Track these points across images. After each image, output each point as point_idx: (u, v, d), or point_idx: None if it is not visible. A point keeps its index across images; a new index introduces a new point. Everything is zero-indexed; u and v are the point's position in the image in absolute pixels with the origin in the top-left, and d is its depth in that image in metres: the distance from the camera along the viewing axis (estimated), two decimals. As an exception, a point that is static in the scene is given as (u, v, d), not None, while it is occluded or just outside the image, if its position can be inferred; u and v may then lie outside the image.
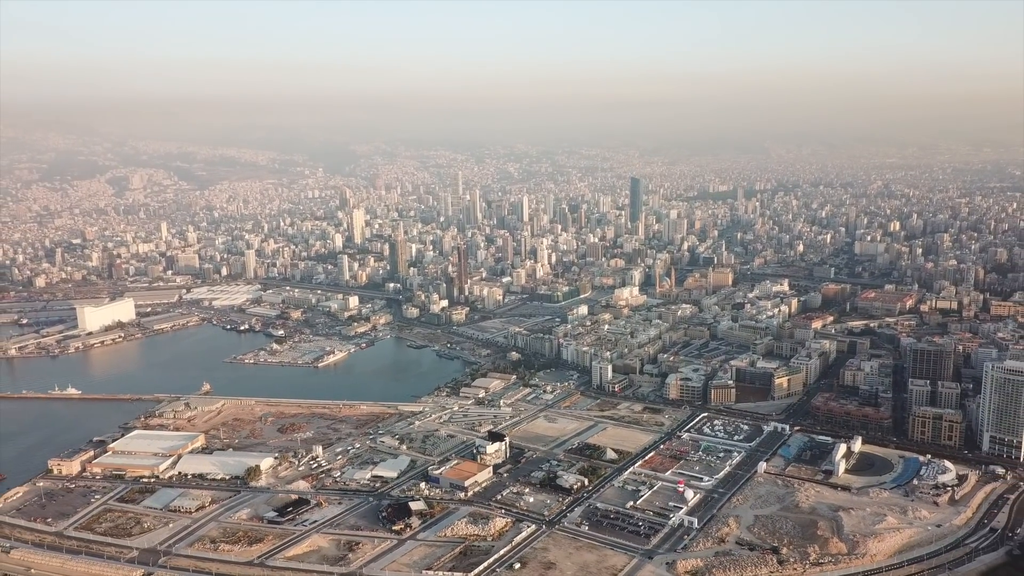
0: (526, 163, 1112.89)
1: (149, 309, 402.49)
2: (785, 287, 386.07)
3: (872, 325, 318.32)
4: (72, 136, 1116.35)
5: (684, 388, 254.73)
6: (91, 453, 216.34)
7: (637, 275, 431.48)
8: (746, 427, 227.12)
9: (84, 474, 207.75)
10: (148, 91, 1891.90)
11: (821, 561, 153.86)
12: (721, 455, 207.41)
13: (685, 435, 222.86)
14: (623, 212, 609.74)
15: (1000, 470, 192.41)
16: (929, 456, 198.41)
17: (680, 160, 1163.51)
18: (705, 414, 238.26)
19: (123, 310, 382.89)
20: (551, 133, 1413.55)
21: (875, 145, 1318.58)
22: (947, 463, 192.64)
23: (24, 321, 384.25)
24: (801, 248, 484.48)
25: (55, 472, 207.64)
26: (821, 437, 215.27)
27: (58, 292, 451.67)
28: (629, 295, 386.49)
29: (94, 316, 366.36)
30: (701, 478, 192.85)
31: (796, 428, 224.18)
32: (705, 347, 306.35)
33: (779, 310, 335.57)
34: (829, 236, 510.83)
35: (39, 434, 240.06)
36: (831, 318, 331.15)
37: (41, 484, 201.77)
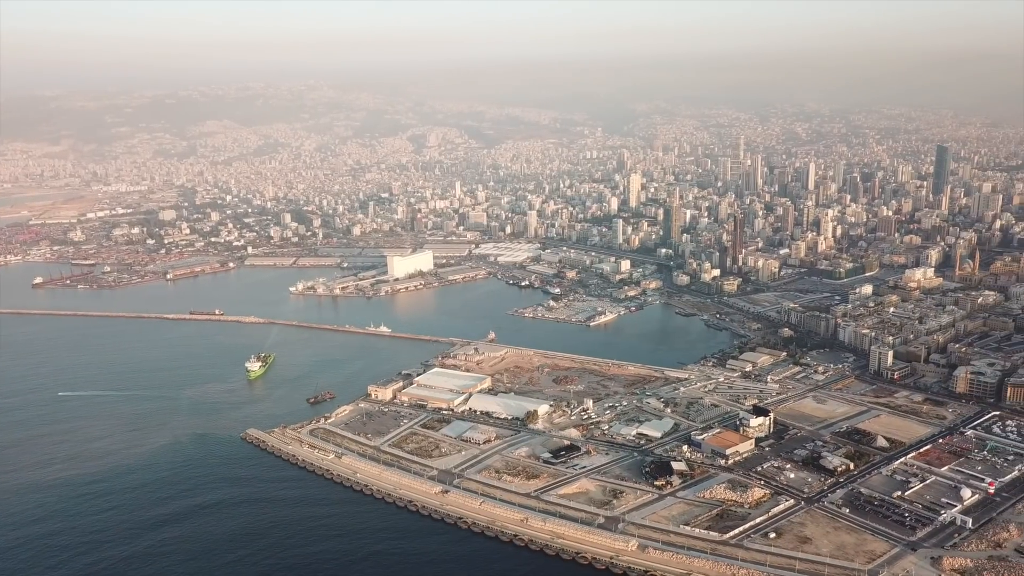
0: (816, 123, 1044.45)
1: (444, 261, 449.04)
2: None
3: None
4: (380, 97, 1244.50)
5: (975, 382, 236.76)
6: (400, 384, 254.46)
7: (934, 255, 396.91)
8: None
9: (395, 401, 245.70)
10: (447, 56, 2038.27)
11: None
12: (1011, 458, 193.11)
13: (969, 432, 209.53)
14: (925, 183, 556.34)
15: None
16: None
17: (1005, 121, 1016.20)
18: (996, 413, 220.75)
19: (424, 260, 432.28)
20: (847, 90, 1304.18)
21: None
22: None
23: (345, 265, 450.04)
24: None
25: (373, 396, 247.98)
26: None
27: (370, 241, 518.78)
28: (922, 276, 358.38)
29: (401, 264, 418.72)
30: (982, 479, 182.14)
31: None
32: (1007, 340, 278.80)
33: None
34: None
35: (359, 363, 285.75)
36: None
37: (362, 405, 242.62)
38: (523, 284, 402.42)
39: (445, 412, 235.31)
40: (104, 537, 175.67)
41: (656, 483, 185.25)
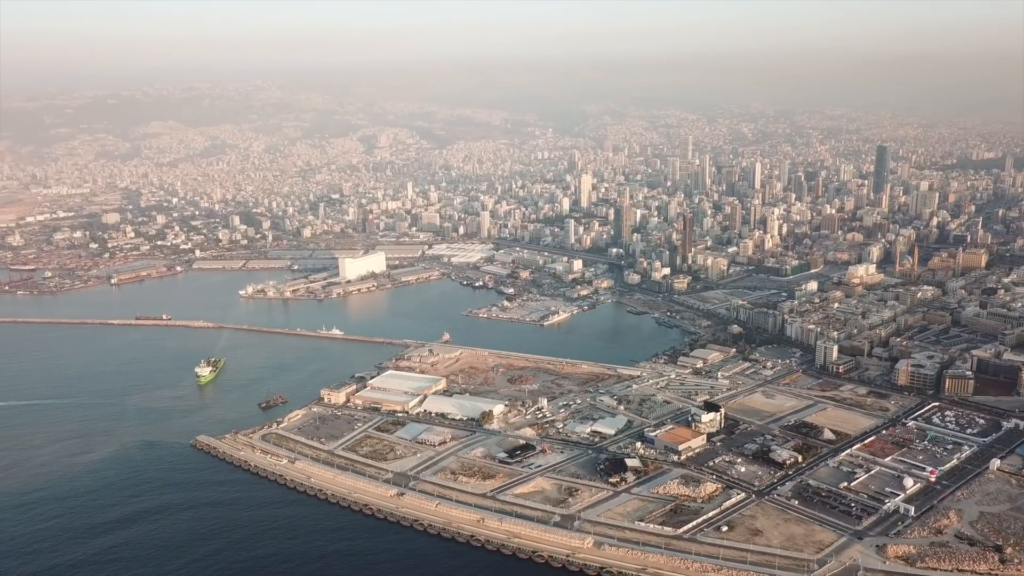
0: (761, 123, 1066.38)
1: (397, 262, 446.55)
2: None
3: None
4: (330, 97, 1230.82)
5: (915, 375, 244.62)
6: (353, 387, 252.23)
7: (875, 251, 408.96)
8: (982, 421, 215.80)
9: (348, 404, 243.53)
10: (397, 56, 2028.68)
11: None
12: (949, 447, 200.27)
13: (911, 423, 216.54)
14: (866, 182, 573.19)
15: None
16: None
17: (940, 122, 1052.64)
18: (936, 404, 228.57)
19: (376, 262, 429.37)
20: (791, 91, 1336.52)
21: None
22: None
23: (295, 267, 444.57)
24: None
25: (326, 400, 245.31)
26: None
27: (321, 242, 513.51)
28: (864, 273, 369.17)
29: (353, 266, 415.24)
30: (923, 468, 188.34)
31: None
32: (944, 334, 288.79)
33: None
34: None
35: (312, 367, 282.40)
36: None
37: (315, 409, 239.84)
38: (477, 285, 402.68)
39: (400, 414, 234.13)
40: (47, 546, 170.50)
41: (611, 480, 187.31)
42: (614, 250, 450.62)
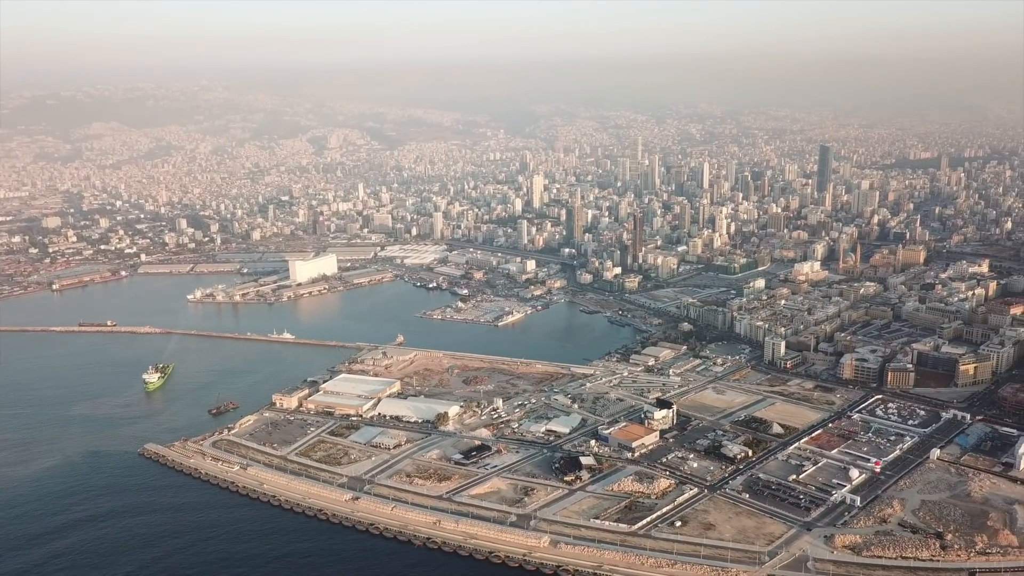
0: (709, 124, 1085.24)
1: (349, 264, 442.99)
2: (984, 268, 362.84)
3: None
4: (278, 97, 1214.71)
5: (859, 369, 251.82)
6: (306, 391, 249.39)
7: (820, 249, 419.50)
8: (922, 412, 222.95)
9: (301, 409, 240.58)
10: (347, 56, 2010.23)
11: (988, 551, 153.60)
12: (892, 438, 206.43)
13: (856, 416, 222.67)
14: (810, 181, 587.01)
15: None
16: None
17: (879, 123, 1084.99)
18: (879, 396, 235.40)
19: (327, 264, 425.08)
20: (737, 92, 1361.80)
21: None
22: None
23: (244, 271, 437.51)
24: (1009, 226, 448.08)
25: (278, 405, 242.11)
26: (1005, 429, 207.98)
27: (271, 245, 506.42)
28: (810, 270, 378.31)
29: (303, 269, 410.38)
30: (868, 459, 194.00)
31: (978, 418, 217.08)
32: (886, 328, 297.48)
33: (973, 293, 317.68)
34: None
35: (263, 371, 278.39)
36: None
37: (267, 415, 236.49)
38: (430, 286, 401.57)
39: (354, 418, 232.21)
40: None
41: (566, 479, 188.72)
42: (566, 250, 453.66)
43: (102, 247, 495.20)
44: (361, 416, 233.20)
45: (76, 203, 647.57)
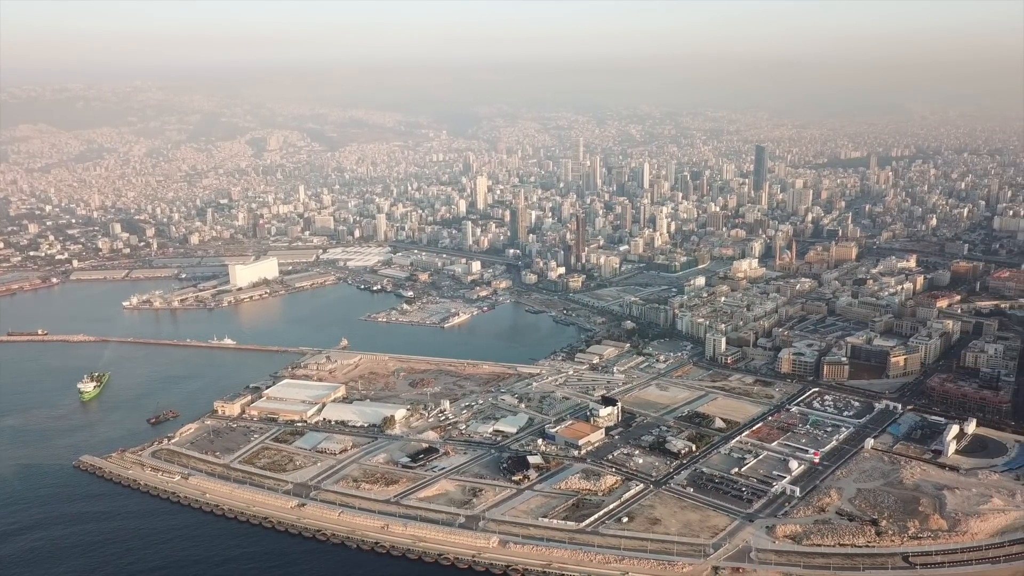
0: (648, 125, 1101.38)
1: (290, 268, 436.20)
2: (912, 263, 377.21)
3: (1003, 306, 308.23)
4: (215, 99, 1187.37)
5: (796, 363, 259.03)
6: (248, 397, 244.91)
7: (757, 247, 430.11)
8: (857, 404, 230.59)
9: (243, 416, 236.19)
10: (286, 57, 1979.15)
11: (920, 535, 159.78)
12: (829, 429, 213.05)
13: (794, 408, 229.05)
14: (747, 180, 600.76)
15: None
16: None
17: (812, 123, 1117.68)
18: (816, 389, 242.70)
19: (268, 268, 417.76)
20: (676, 94, 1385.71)
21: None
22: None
23: (183, 276, 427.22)
24: (934, 222, 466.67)
25: (219, 412, 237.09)
26: (934, 418, 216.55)
27: (210, 249, 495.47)
28: (748, 267, 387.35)
29: (243, 273, 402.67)
30: (806, 450, 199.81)
31: (909, 407, 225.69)
32: (822, 323, 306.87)
33: (902, 287, 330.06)
34: (966, 210, 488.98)
35: (204, 378, 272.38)
36: (958, 297, 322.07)
37: (209, 423, 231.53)
38: (375, 288, 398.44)
39: (298, 424, 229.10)
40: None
41: (514, 478, 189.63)
42: (511, 251, 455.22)
43: (31, 253, 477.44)
44: (306, 422, 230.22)
45: (3, 208, 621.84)
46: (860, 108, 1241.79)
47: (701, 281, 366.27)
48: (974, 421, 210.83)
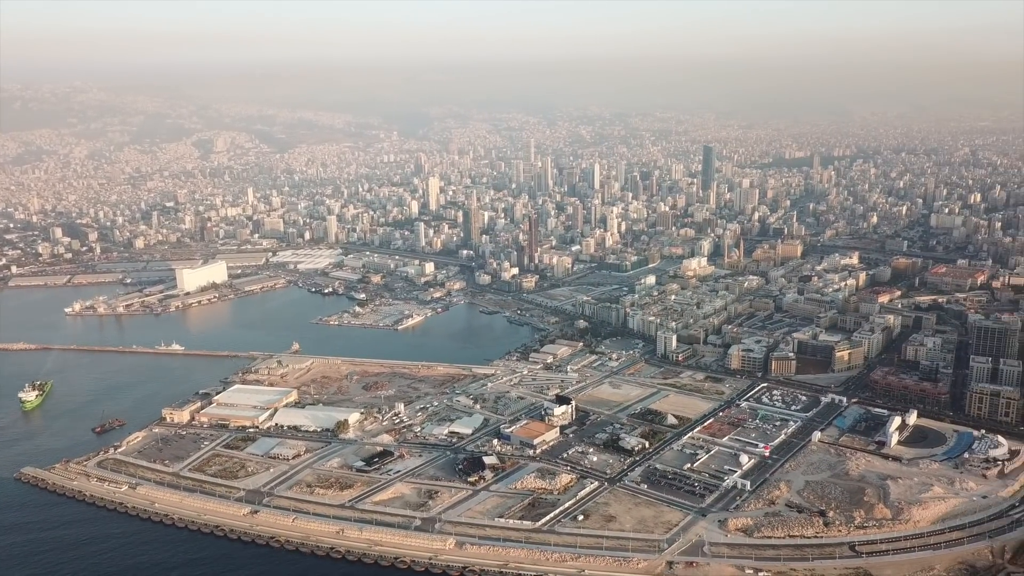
0: (598, 126, 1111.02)
1: (239, 271, 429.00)
2: (855, 260, 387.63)
3: (940, 301, 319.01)
4: (159, 99, 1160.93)
5: (745, 359, 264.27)
6: (198, 404, 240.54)
7: (706, 245, 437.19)
8: (804, 398, 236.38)
9: (193, 423, 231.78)
10: (233, 57, 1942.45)
11: (865, 525, 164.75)
12: (777, 424, 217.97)
13: (744, 404, 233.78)
14: (695, 180, 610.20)
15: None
16: (983, 431, 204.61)
17: (757, 124, 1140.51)
18: (765, 384, 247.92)
19: (216, 272, 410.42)
20: (625, 95, 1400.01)
21: (968, 107, 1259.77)
22: (1000, 439, 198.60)
23: (128, 281, 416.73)
24: (875, 220, 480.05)
25: (168, 420, 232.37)
26: (877, 410, 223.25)
27: (155, 253, 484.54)
28: (697, 266, 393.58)
29: (191, 277, 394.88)
30: (756, 445, 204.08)
31: (853, 400, 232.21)
32: (769, 319, 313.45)
33: (846, 284, 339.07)
34: (905, 208, 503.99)
35: (151, 385, 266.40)
36: (899, 293, 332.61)
37: (157, 430, 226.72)
38: (326, 291, 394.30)
39: (250, 430, 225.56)
40: None
41: (469, 480, 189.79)
42: (464, 252, 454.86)
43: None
44: (257, 427, 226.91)
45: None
46: (803, 109, 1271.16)
47: (652, 280, 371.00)
48: (915, 412, 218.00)
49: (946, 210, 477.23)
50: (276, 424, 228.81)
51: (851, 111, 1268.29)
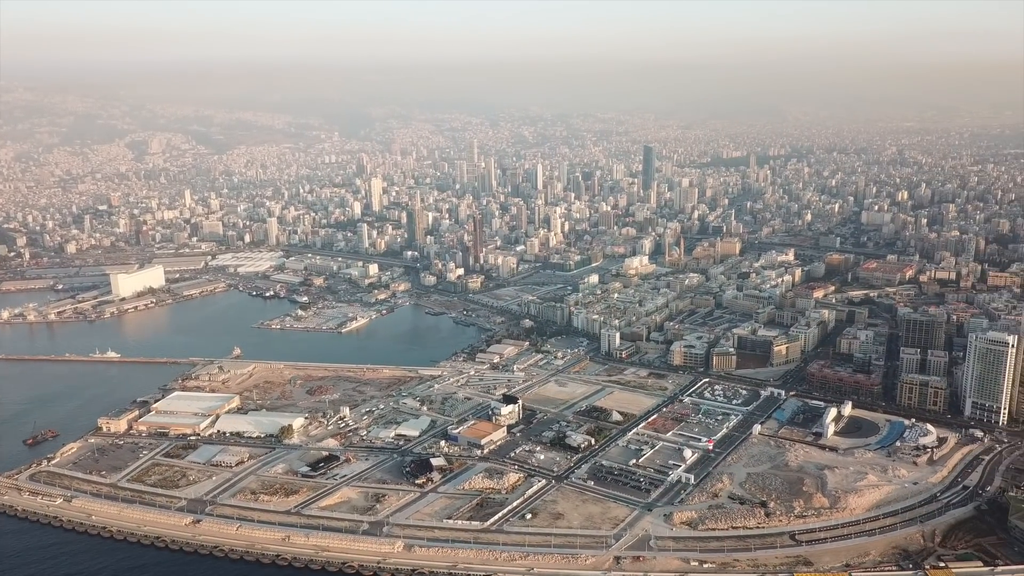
0: (541, 127, 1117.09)
1: (177, 275, 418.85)
2: (791, 257, 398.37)
3: (872, 295, 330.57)
4: (90, 100, 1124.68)
5: (687, 355, 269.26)
6: (136, 412, 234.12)
7: (647, 244, 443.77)
8: (744, 392, 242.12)
9: (131, 432, 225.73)
10: (167, 57, 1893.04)
11: (805, 514, 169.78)
12: (719, 418, 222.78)
13: (686, 399, 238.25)
14: (636, 180, 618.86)
15: (979, 433, 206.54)
16: (913, 420, 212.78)
17: (695, 124, 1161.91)
18: (706, 380, 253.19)
19: (153, 276, 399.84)
20: (566, 96, 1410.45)
21: (895, 108, 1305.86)
22: (929, 427, 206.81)
23: (59, 287, 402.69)
24: (809, 218, 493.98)
25: (104, 430, 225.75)
26: (814, 402, 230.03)
27: (88, 258, 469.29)
28: (639, 264, 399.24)
29: (127, 282, 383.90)
30: (700, 439, 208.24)
31: (792, 393, 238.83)
32: (710, 315, 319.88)
33: (783, 280, 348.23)
34: (837, 205, 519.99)
35: (85, 394, 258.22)
36: (833, 288, 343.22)
37: (92, 440, 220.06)
38: (268, 295, 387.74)
39: (191, 438, 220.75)
40: None
41: (417, 482, 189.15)
42: (409, 253, 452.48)
43: None
44: (198, 435, 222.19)
45: None
46: (739, 110, 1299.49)
47: (595, 279, 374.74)
48: (850, 404, 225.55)
49: (876, 207, 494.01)
50: (218, 431, 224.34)
51: (785, 111, 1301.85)
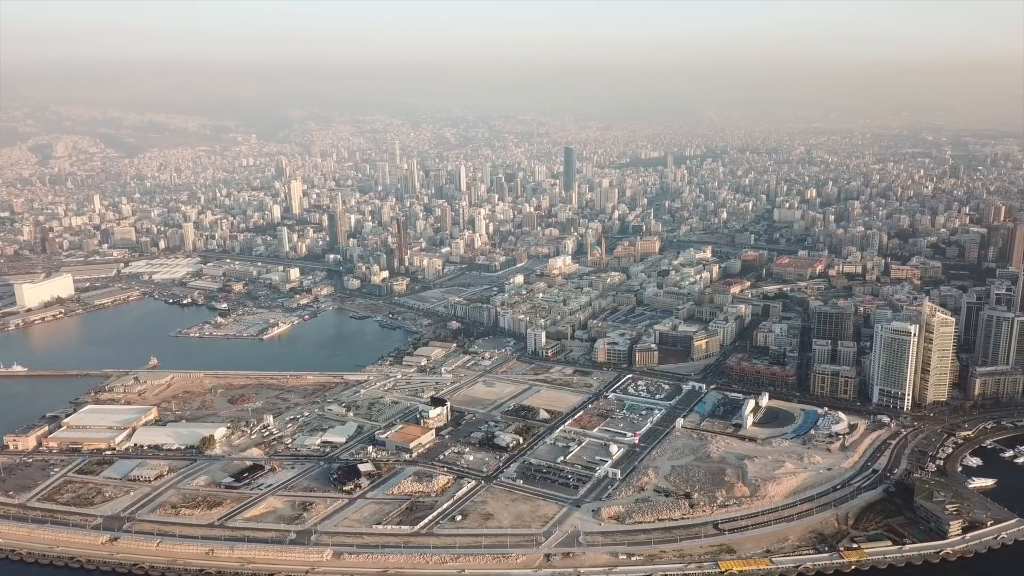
0: (463, 128, 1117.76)
1: (87, 284, 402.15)
2: (708, 254, 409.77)
3: (785, 289, 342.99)
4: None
5: (611, 352, 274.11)
6: (45, 428, 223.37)
7: (570, 244, 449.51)
8: (667, 387, 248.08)
9: (40, 448, 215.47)
10: (71, 55, 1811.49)
11: (727, 504, 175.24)
12: (643, 413, 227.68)
13: (611, 395, 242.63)
14: (558, 181, 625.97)
15: (886, 419, 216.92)
16: (826, 409, 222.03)
17: (614, 125, 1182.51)
18: (630, 376, 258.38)
19: (61, 286, 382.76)
20: (488, 98, 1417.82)
21: (803, 109, 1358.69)
22: (841, 415, 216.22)
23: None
24: (725, 216, 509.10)
25: (11, 447, 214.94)
26: (733, 394, 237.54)
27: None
28: (562, 264, 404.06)
29: (32, 292, 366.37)
30: (624, 434, 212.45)
31: (712, 387, 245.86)
32: (632, 313, 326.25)
33: (701, 277, 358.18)
34: (751, 204, 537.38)
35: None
36: (748, 283, 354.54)
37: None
38: (185, 302, 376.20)
39: (106, 452, 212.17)
40: None
41: (345, 488, 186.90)
42: (332, 256, 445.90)
43: None
44: (114, 449, 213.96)
45: None
46: (656, 111, 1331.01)
47: (520, 279, 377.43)
48: (767, 395, 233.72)
49: (787, 205, 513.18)
50: (135, 444, 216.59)
51: (699, 113, 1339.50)
